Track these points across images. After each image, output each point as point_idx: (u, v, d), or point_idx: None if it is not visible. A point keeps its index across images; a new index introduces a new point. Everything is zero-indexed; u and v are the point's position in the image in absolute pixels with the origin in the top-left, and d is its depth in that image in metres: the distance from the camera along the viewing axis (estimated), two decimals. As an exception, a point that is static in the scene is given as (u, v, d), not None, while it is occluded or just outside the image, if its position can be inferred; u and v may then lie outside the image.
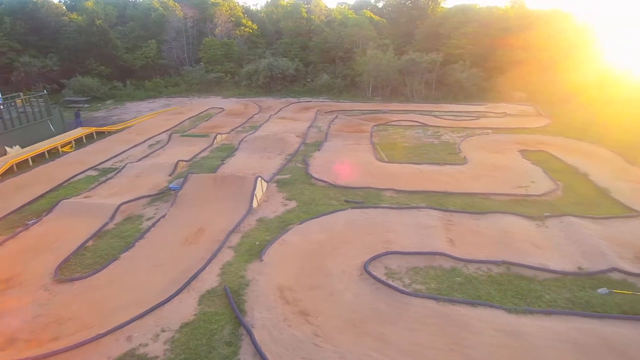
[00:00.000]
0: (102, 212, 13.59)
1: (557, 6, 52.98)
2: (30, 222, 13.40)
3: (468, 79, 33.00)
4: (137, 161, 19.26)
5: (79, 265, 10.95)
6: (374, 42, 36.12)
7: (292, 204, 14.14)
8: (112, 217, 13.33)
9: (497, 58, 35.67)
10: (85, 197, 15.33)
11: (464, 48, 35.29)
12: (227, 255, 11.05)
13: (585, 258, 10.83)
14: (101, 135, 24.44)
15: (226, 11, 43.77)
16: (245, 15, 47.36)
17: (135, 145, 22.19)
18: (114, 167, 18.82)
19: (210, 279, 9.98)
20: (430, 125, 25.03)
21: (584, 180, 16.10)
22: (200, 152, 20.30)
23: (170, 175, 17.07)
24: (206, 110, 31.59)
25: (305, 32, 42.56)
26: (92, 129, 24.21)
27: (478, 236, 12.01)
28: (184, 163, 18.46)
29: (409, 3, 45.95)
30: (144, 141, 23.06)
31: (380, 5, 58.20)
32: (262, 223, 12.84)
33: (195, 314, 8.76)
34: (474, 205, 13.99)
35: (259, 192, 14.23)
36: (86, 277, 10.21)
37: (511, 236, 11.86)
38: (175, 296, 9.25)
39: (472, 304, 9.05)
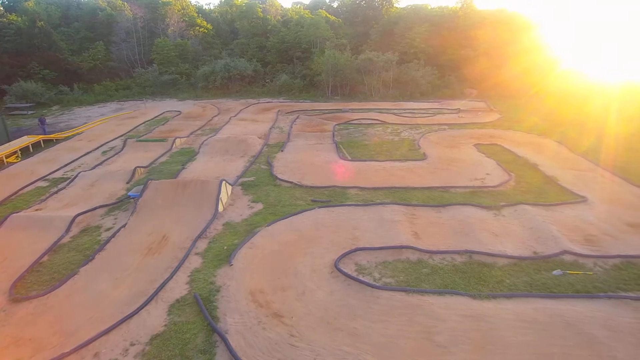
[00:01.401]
0: (57, 225, 12.80)
1: (502, 6, 56.03)
2: (-25, 240, 12.37)
3: (423, 77, 34.15)
4: (90, 169, 18.27)
5: (35, 282, 10.28)
6: (331, 42, 36.49)
7: (259, 206, 14.03)
8: (68, 230, 12.60)
9: (449, 57, 37.27)
10: (36, 209, 14.37)
11: (418, 47, 36.52)
12: (194, 262, 10.79)
13: (539, 243, 11.59)
14: (49, 143, 22.96)
15: (178, 11, 42.46)
16: (199, 15, 46.16)
17: (87, 153, 21.04)
18: (65, 176, 17.75)
19: (178, 288, 9.71)
20: (390, 123, 25.68)
21: (534, 170, 17.18)
22: (158, 158, 19.60)
23: (128, 183, 16.37)
24: (162, 113, 30.52)
25: (262, 32, 42.22)
26: (39, 137, 22.68)
27: (440, 228, 12.51)
28: (142, 169, 17.76)
29: (364, 3, 46.89)
30: (97, 148, 21.93)
31: (335, 5, 58.91)
32: (229, 227, 12.65)
33: (165, 325, 8.49)
34: (435, 198, 14.55)
35: (224, 196, 14.00)
36: (44, 295, 9.60)
37: (471, 226, 12.45)
38: (142, 308, 8.91)
39: (439, 292, 9.44)
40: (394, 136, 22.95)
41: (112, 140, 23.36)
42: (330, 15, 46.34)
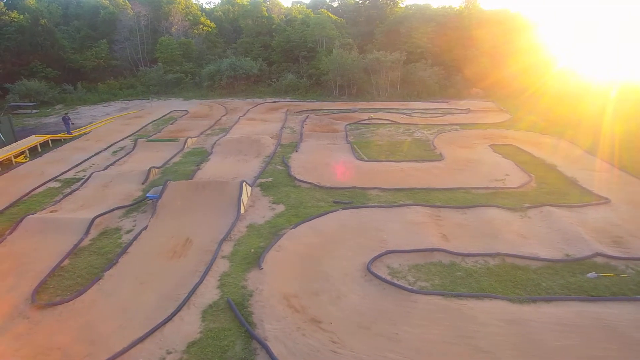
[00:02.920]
0: (75, 227, 12.47)
1: (505, 6, 56.03)
2: (-9, 242, 12.02)
3: (430, 77, 34.00)
4: (102, 170, 17.91)
5: (58, 287, 9.93)
6: (338, 41, 36.25)
7: (280, 208, 13.77)
8: (87, 232, 12.26)
9: (454, 56, 37.15)
10: (51, 211, 14.00)
11: (424, 47, 36.36)
12: (222, 265, 10.51)
13: (569, 245, 11.42)
14: (57, 143, 22.54)
15: (182, 9, 42.05)
16: (203, 13, 45.77)
17: (97, 153, 20.64)
18: (77, 177, 17.38)
19: (209, 293, 9.43)
20: (401, 123, 25.48)
21: (553, 171, 17.03)
22: (171, 158, 19.23)
23: (142, 184, 16.04)
24: (169, 113, 30.10)
25: (266, 31, 41.89)
26: (47, 137, 22.26)
27: (468, 230, 12.31)
28: (156, 170, 17.44)
29: (367, 2, 46.64)
30: (106, 148, 21.54)
31: (335, 4, 58.62)
32: (253, 229, 12.38)
33: (201, 332, 8.22)
34: (457, 199, 14.36)
35: (244, 197, 13.72)
36: (69, 301, 9.26)
37: (498, 228, 12.27)
38: (175, 314, 8.63)
39: (478, 296, 9.24)
40: (406, 136, 22.75)
41: (121, 140, 22.97)
42: (332, 15, 46.08)
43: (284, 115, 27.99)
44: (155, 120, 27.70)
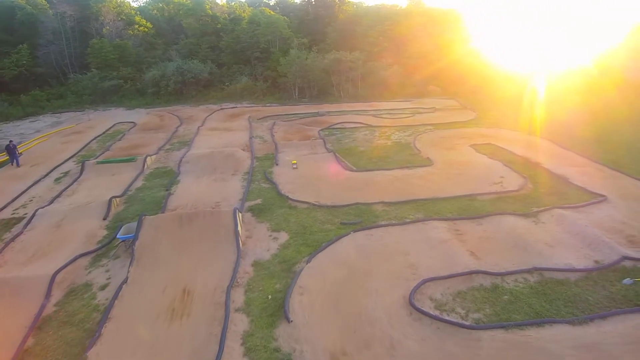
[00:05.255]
0: (30, 289, 9.76)
1: (452, 6, 57.39)
2: None
3: (391, 76, 33.61)
4: (48, 204, 14.77)
5: (26, 383, 7.48)
6: (292, 41, 34.55)
7: (283, 236, 12.02)
8: (48, 295, 9.64)
9: (410, 54, 37.19)
10: (-9, 268, 10.99)
11: (381, 46, 35.91)
12: (240, 322, 8.62)
13: (593, 250, 11.08)
14: (-23, 172, 18.54)
15: (114, 8, 37.64)
16: (138, 12, 41.46)
17: (35, 182, 17.13)
18: (16, 216, 14.13)
19: (237, 364, 7.59)
20: (375, 126, 24.57)
21: (540, 169, 16.98)
22: (132, 182, 16.44)
23: (104, 219, 13.37)
24: (113, 126, 26.50)
25: (212, 31, 38.93)
26: (-35, 166, 18.20)
27: (492, 243, 11.55)
28: (118, 200, 14.72)
29: (314, 2, 45.32)
30: (46, 174, 18.02)
31: (272, 3, 56.71)
32: (261, 268, 10.55)
33: None
34: (466, 208, 13.64)
35: (239, 228, 11.79)
36: (49, 403, 6.92)
37: (521, 238, 11.66)
38: (204, 404, 6.71)
39: (537, 323, 8.43)
40: (385, 140, 21.87)
41: (62, 163, 19.42)
42: (273, 12, 44.08)
43: (248, 123, 25.87)
44: (99, 136, 24.11)
